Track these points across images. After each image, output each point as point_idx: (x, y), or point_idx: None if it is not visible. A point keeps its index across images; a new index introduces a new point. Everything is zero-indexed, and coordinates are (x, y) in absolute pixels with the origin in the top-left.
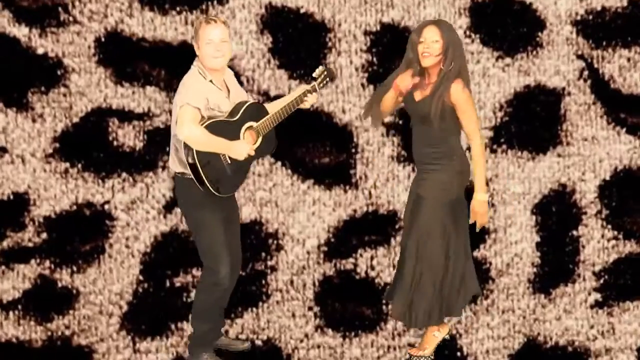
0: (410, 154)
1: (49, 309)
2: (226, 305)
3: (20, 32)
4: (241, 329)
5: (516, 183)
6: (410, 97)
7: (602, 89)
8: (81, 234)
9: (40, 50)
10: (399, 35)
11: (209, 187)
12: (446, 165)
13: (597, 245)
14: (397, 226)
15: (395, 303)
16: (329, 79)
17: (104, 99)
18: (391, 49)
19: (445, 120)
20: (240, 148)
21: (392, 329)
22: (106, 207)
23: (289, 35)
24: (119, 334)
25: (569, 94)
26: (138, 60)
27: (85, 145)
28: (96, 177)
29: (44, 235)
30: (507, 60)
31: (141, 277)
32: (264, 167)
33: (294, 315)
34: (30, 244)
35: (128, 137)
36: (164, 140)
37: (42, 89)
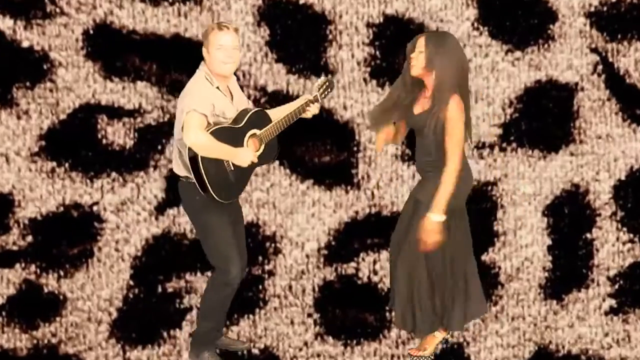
0: (415, 152)
1: (34, 315)
2: (229, 307)
3: (5, 24)
4: (237, 337)
5: (526, 183)
6: (410, 112)
7: (617, 84)
8: (68, 236)
9: (25, 44)
10: (403, 28)
11: (212, 194)
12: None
13: (611, 248)
14: None
15: (397, 312)
16: (330, 90)
17: (92, 94)
18: (395, 42)
19: (440, 134)
20: (245, 155)
21: (396, 337)
22: (95, 208)
23: (287, 28)
24: (108, 342)
25: (582, 89)
26: (128, 53)
27: (73, 143)
28: (84, 177)
29: (29, 238)
30: (517, 53)
31: (132, 282)
32: (262, 166)
33: (292, 322)
34: (14, 248)
35: (118, 134)
36: (155, 138)
37: (28, 84)
